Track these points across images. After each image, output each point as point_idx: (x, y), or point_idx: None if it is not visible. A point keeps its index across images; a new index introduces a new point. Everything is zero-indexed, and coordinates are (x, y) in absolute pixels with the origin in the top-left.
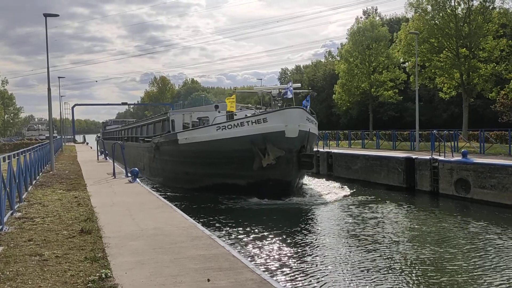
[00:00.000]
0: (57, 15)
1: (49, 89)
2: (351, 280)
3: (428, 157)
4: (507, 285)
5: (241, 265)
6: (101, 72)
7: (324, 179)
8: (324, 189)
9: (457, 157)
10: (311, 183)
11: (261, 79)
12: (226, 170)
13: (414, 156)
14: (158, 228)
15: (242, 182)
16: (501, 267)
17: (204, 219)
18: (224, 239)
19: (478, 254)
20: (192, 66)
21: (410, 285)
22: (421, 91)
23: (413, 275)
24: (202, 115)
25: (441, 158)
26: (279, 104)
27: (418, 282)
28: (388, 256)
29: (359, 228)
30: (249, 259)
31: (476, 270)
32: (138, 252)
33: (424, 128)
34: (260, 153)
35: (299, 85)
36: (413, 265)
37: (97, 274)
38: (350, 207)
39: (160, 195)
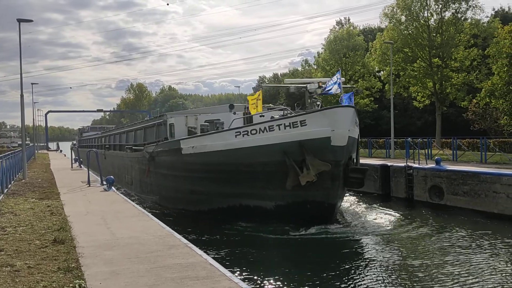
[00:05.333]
0: (31, 21)
1: (22, 96)
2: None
3: (403, 164)
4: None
5: (219, 273)
6: (76, 79)
7: None
8: None
9: (431, 165)
10: None
11: (238, 86)
12: (247, 189)
13: (389, 164)
14: (134, 237)
15: (268, 205)
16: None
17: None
18: (201, 247)
19: (448, 259)
20: (169, 73)
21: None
22: (396, 99)
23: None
24: (213, 118)
25: (416, 165)
26: (317, 103)
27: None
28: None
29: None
30: (227, 268)
31: (444, 272)
32: (113, 262)
33: (399, 136)
34: (296, 166)
35: (342, 79)
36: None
37: (71, 285)
38: None
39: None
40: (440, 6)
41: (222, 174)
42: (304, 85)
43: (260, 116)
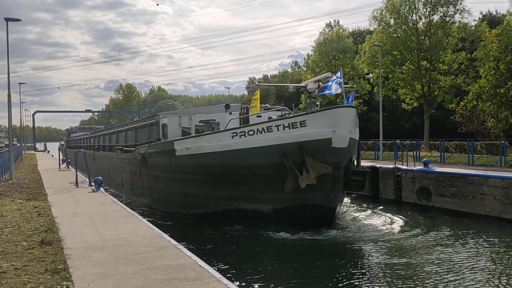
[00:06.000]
0: (19, 20)
1: (9, 96)
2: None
3: (391, 166)
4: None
5: (208, 275)
6: (64, 79)
7: None
8: None
9: (419, 166)
10: None
11: (229, 88)
12: (243, 192)
13: (378, 165)
14: (122, 238)
15: (265, 208)
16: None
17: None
18: (191, 249)
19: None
20: (158, 73)
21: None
22: (384, 101)
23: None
24: (208, 118)
25: (404, 167)
26: (317, 103)
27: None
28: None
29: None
30: (217, 270)
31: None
32: (101, 263)
33: (388, 138)
34: (296, 169)
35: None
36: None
37: (58, 287)
38: None
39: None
40: (429, 9)
41: (217, 176)
42: (304, 84)
43: (258, 116)
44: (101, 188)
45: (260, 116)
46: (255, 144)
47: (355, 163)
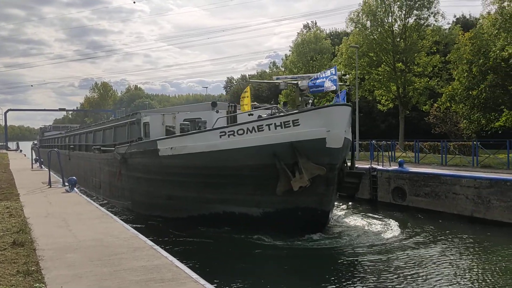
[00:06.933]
0: None
1: None
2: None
3: (367, 166)
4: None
5: (185, 275)
6: (37, 77)
7: None
8: None
9: (394, 167)
10: None
11: (206, 87)
12: (232, 195)
13: None
14: (97, 239)
15: (255, 212)
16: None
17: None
18: (168, 250)
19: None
20: (135, 72)
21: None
22: (361, 102)
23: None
24: (193, 116)
25: (380, 167)
26: (310, 101)
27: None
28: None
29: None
30: (193, 270)
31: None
32: (75, 264)
33: (364, 138)
34: (288, 170)
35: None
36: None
37: None
38: None
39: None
40: (404, 12)
41: (204, 178)
42: (296, 81)
43: (249, 115)
44: (75, 188)
45: (252, 115)
46: (245, 144)
47: (349, 164)
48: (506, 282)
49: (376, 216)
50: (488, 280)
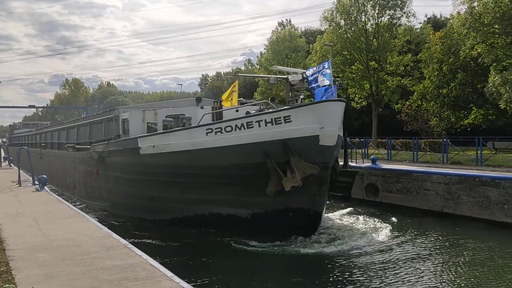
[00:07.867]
0: None
1: None
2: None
3: (341, 163)
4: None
5: (159, 274)
6: (5, 73)
7: None
8: None
9: (367, 163)
10: None
11: (181, 84)
12: (219, 195)
13: None
14: (69, 238)
15: (243, 213)
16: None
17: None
18: (143, 249)
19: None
20: (107, 69)
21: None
22: None
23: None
24: (177, 112)
25: (353, 164)
26: (301, 97)
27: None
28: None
29: None
30: (169, 269)
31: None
32: (46, 264)
33: None
34: (279, 169)
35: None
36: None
37: None
38: None
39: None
40: (377, 11)
41: (189, 177)
42: (286, 76)
43: (236, 111)
44: (45, 187)
45: (238, 111)
46: (233, 141)
47: (341, 163)
48: (474, 275)
49: (350, 212)
50: (456, 274)
